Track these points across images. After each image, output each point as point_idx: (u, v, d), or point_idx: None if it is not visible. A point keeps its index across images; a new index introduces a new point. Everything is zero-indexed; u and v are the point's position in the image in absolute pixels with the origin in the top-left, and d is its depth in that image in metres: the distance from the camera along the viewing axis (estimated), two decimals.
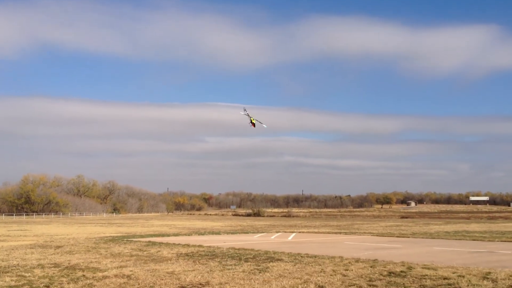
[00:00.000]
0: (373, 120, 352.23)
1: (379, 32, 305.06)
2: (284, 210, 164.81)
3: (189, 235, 36.79)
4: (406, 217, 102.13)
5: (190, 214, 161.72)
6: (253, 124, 35.54)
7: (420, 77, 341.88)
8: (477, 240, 29.67)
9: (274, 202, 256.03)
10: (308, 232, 40.69)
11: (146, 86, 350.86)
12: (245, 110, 35.37)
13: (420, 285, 12.53)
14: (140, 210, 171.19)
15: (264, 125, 36.20)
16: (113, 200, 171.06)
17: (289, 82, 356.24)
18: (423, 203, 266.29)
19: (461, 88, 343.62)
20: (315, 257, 19.18)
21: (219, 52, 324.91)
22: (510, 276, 13.84)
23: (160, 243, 26.81)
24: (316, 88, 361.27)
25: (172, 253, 21.05)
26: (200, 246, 24.90)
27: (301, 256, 19.39)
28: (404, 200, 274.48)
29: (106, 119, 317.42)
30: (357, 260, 17.85)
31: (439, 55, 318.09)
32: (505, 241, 28.80)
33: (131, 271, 15.50)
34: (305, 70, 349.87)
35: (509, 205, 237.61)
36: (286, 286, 12.49)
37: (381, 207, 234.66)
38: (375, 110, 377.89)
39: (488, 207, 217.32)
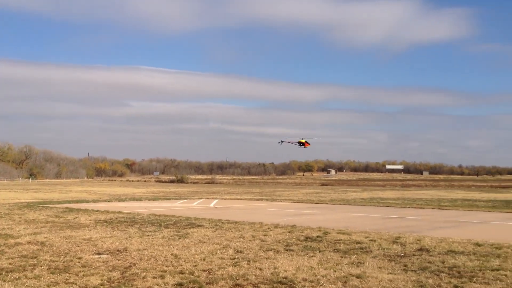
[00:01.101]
0: (299, 89, 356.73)
1: (306, 1, 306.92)
2: (208, 177, 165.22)
3: (109, 201, 36.13)
4: (326, 185, 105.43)
5: (112, 180, 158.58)
6: (306, 143, 35.34)
7: (344, 48, 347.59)
8: (390, 206, 31.17)
9: (198, 168, 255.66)
10: (231, 199, 41.11)
11: (69, 47, 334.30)
12: (281, 142, 35.51)
13: (334, 249, 13.02)
14: (58, 175, 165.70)
15: (316, 138, 37.10)
16: (29, 165, 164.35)
17: (217, 48, 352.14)
18: (343, 171, 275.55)
19: (383, 59, 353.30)
20: (236, 223, 19.43)
21: (145, 14, 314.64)
22: (418, 240, 14.68)
23: (78, 210, 26.17)
24: (244, 55, 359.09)
25: (90, 220, 20.62)
26: (119, 212, 24.53)
27: (222, 222, 19.59)
28: (325, 168, 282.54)
29: (25, 80, 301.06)
30: (276, 226, 18.27)
31: (363, 26, 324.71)
32: (415, 207, 30.45)
33: (46, 237, 15.05)
34: (233, 36, 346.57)
35: (422, 174, 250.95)
36: (205, 251, 12.59)
37: (303, 175, 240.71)
38: (301, 79, 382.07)
39: (402, 176, 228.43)
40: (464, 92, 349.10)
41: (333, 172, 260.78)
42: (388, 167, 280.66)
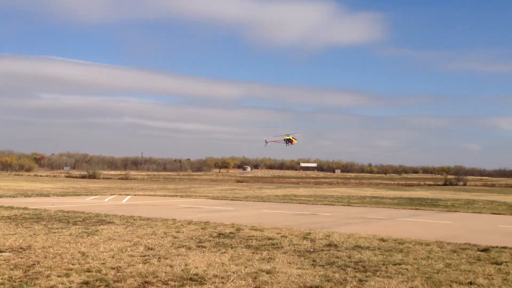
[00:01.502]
0: (216, 85, 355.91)
1: None
2: (122, 173, 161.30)
3: (13, 197, 34.34)
4: (242, 181, 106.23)
5: (18, 175, 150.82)
6: (293, 139, 34.36)
7: (262, 46, 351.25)
8: (303, 203, 31.92)
9: (112, 164, 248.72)
10: (144, 195, 40.39)
11: None
12: (266, 142, 34.59)
13: (246, 246, 13.13)
14: None
15: (298, 133, 36.73)
16: None
17: (133, 41, 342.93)
18: (259, 168, 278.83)
19: (299, 59, 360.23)
20: (148, 219, 19.12)
21: (59, 2, 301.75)
22: (327, 236, 15.13)
23: None
24: (161, 49, 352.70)
25: None
26: (25, 208, 23.37)
27: (134, 219, 19.19)
28: (241, 165, 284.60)
29: None
30: (189, 223, 18.16)
31: (280, 27, 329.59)
32: (326, 204, 31.39)
33: None
34: (150, 30, 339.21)
35: (334, 172, 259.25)
36: (114, 249, 12.27)
37: (219, 171, 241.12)
38: (218, 75, 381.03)
39: (315, 173, 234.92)
40: (375, 94, 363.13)
41: (249, 169, 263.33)
42: (303, 165, 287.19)
